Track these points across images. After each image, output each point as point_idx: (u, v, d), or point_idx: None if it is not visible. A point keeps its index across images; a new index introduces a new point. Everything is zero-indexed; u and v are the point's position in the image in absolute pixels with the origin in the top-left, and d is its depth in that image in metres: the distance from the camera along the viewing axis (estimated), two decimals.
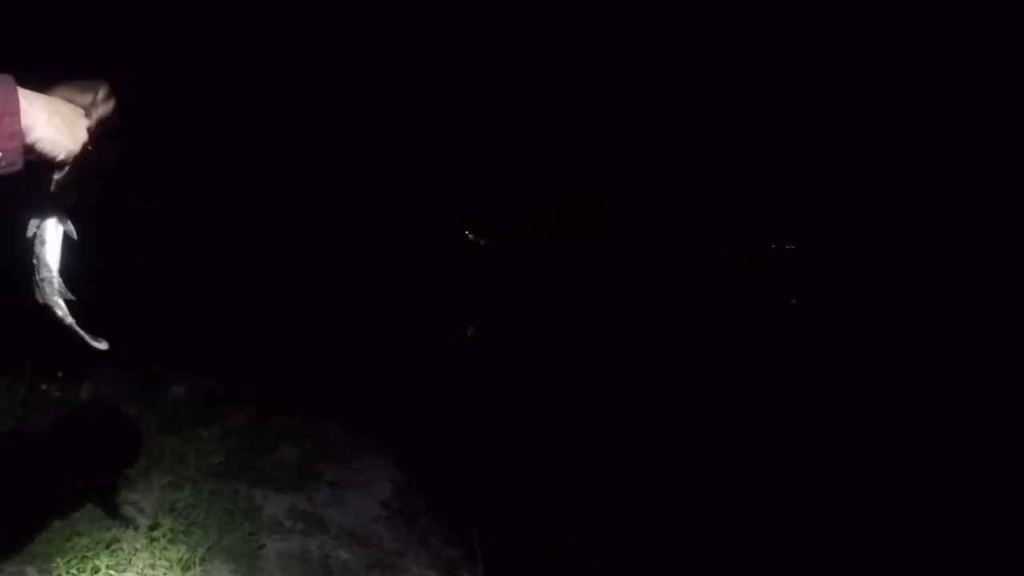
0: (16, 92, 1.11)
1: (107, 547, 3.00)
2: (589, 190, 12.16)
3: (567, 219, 12.25)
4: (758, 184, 11.96)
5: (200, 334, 5.64)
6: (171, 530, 3.22)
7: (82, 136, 1.21)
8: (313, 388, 5.45)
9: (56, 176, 1.23)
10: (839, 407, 7.09)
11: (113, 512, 3.17)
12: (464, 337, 8.24)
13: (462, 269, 11.33)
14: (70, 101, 1.22)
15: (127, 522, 3.19)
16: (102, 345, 1.40)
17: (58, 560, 2.88)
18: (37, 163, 1.17)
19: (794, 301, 11.75)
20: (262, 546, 3.44)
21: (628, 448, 5.74)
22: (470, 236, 12.29)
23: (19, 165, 1.10)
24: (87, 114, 1.25)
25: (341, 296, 7.90)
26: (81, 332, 1.38)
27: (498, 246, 12.41)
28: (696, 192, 12.19)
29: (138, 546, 3.09)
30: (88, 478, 3.28)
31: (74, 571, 2.88)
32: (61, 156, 1.19)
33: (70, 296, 1.36)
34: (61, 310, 1.36)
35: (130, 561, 3.03)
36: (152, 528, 3.21)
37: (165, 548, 3.13)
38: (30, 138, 1.13)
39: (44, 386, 3.85)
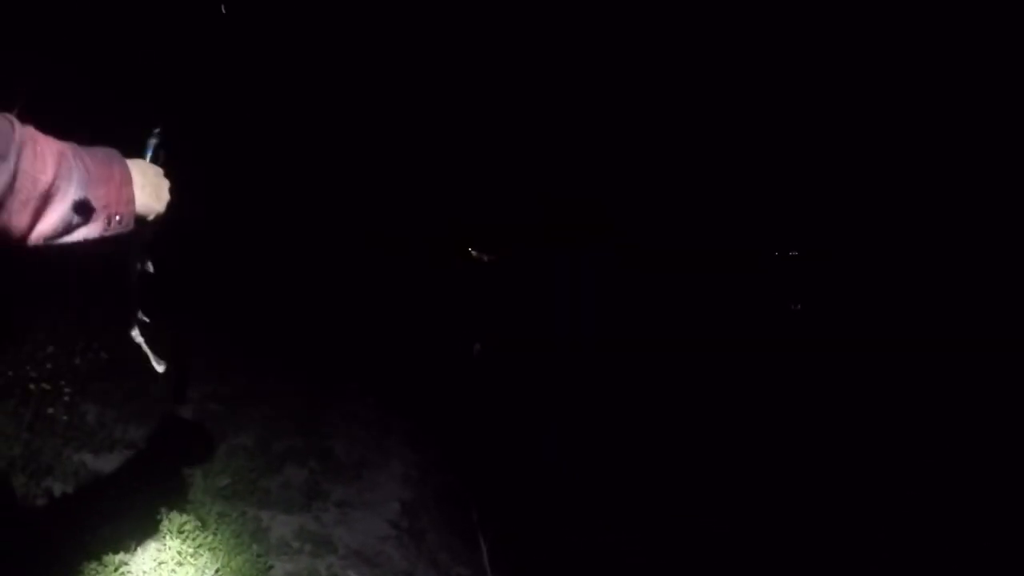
0: (127, 164, 1.29)
1: (115, 570, 2.99)
2: (591, 192, 12.18)
3: (570, 221, 12.24)
4: (757, 185, 11.99)
5: (204, 357, 5.64)
6: (179, 552, 3.21)
7: (166, 197, 1.41)
8: (317, 408, 5.45)
9: (146, 230, 1.43)
10: (829, 423, 7.08)
11: (120, 535, 3.16)
12: (468, 353, 8.23)
13: (464, 280, 11.33)
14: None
15: (134, 545, 3.17)
16: (160, 367, 1.60)
17: None
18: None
19: (796, 306, 11.72)
20: (270, 568, 3.42)
21: (633, 462, 5.72)
22: (472, 248, 12.28)
23: (132, 226, 1.30)
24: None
25: (343, 315, 7.91)
26: (147, 351, 1.58)
27: (500, 254, 12.39)
28: (694, 192, 12.21)
29: (146, 569, 3.08)
30: (94, 501, 3.27)
31: None
32: (151, 217, 1.38)
33: (144, 319, 1.58)
34: (135, 330, 1.57)
35: None
36: (159, 551, 3.19)
37: (173, 571, 3.12)
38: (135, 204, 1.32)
39: (50, 410, 3.85)
